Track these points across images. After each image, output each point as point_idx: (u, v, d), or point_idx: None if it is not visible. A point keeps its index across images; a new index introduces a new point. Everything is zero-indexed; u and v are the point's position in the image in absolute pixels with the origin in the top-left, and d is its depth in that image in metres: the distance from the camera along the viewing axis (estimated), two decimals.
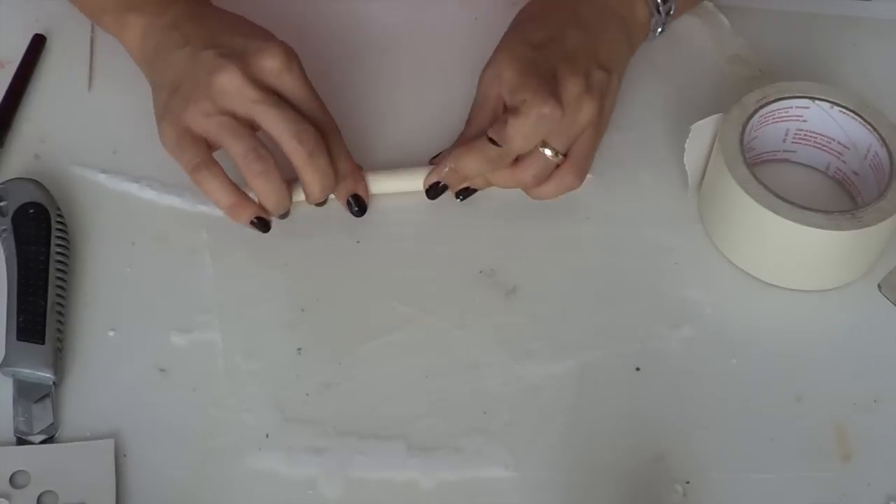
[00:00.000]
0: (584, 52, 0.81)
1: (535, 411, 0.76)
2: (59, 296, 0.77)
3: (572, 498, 0.73)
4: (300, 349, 0.78)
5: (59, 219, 0.80)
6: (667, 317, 0.80)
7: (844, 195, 0.86)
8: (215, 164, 0.79)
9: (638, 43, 0.87)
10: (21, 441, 0.73)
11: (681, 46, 0.93)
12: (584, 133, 0.80)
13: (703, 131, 0.83)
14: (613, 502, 0.73)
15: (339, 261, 0.82)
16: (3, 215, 0.80)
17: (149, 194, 0.84)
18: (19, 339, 0.75)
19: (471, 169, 0.81)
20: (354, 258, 0.82)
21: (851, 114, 0.83)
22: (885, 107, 0.83)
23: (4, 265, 0.79)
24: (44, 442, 0.73)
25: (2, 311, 0.77)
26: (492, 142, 0.79)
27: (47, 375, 0.75)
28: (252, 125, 0.78)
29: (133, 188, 0.84)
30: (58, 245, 0.79)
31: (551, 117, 0.77)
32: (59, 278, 0.78)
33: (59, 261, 0.79)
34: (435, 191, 0.83)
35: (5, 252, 0.79)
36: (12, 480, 0.72)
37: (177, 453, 0.73)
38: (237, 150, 0.77)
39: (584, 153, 0.81)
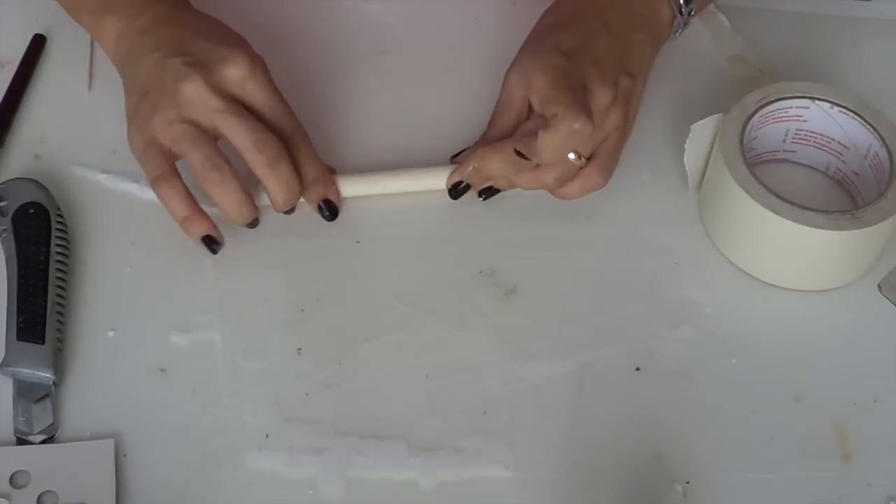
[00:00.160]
0: (613, 60, 0.81)
1: (535, 411, 0.76)
2: (59, 296, 0.77)
3: (572, 498, 0.73)
4: (300, 349, 0.78)
5: (59, 219, 0.80)
6: (667, 317, 0.80)
7: (844, 195, 0.86)
8: (176, 176, 0.79)
9: (661, 44, 0.87)
10: (21, 441, 0.73)
11: (681, 46, 0.93)
12: (610, 136, 0.81)
13: (703, 131, 0.83)
14: (613, 502, 0.73)
15: (339, 261, 0.82)
16: (3, 215, 0.80)
17: (149, 194, 0.83)
18: (19, 339, 0.75)
19: (495, 170, 0.81)
20: (354, 258, 0.82)
21: (851, 114, 0.83)
22: (885, 107, 0.83)
23: (4, 265, 0.79)
24: (44, 442, 0.73)
25: (2, 311, 0.77)
26: (520, 155, 0.79)
27: (47, 375, 0.75)
28: (216, 134, 0.78)
29: (133, 188, 0.84)
30: (58, 245, 0.79)
31: (582, 133, 0.77)
32: (59, 278, 0.78)
33: (59, 261, 0.79)
34: (457, 190, 0.83)
35: (5, 252, 0.79)
36: (12, 480, 0.72)
37: (177, 453, 0.73)
38: (195, 159, 0.77)
39: (609, 153, 0.81)
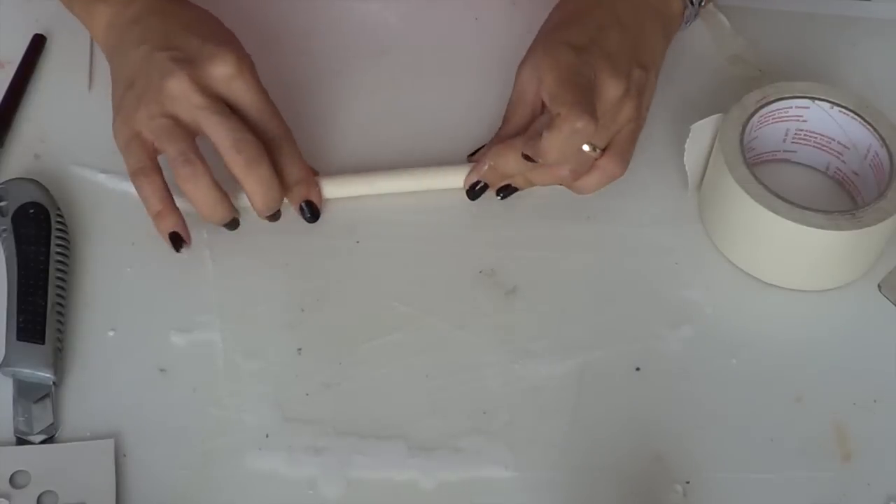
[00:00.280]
0: (625, 53, 0.81)
1: (535, 411, 0.76)
2: (59, 296, 0.77)
3: (572, 498, 0.73)
4: (300, 349, 0.78)
5: (59, 219, 0.80)
6: (667, 317, 0.80)
7: (844, 195, 0.86)
8: (156, 171, 0.79)
9: (672, 35, 0.87)
10: (21, 441, 0.73)
11: (681, 46, 0.93)
12: (624, 128, 0.81)
13: (703, 131, 0.83)
14: (613, 502, 0.73)
15: (339, 261, 0.82)
16: (3, 215, 0.80)
17: None
18: (19, 339, 0.75)
19: (510, 167, 0.81)
20: (354, 258, 0.82)
21: (851, 114, 0.83)
22: (885, 107, 0.83)
23: (4, 265, 0.79)
24: (44, 442, 0.73)
25: (2, 311, 0.77)
26: (527, 158, 0.79)
27: (47, 375, 0.75)
28: (197, 132, 0.78)
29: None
30: (58, 245, 0.79)
31: (584, 132, 0.77)
32: (59, 278, 0.78)
33: (59, 261, 0.79)
34: (475, 191, 0.83)
35: (5, 252, 0.79)
36: (12, 480, 0.72)
37: (177, 453, 0.73)
38: (169, 153, 0.77)
39: (625, 143, 0.81)
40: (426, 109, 0.89)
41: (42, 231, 0.79)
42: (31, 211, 0.80)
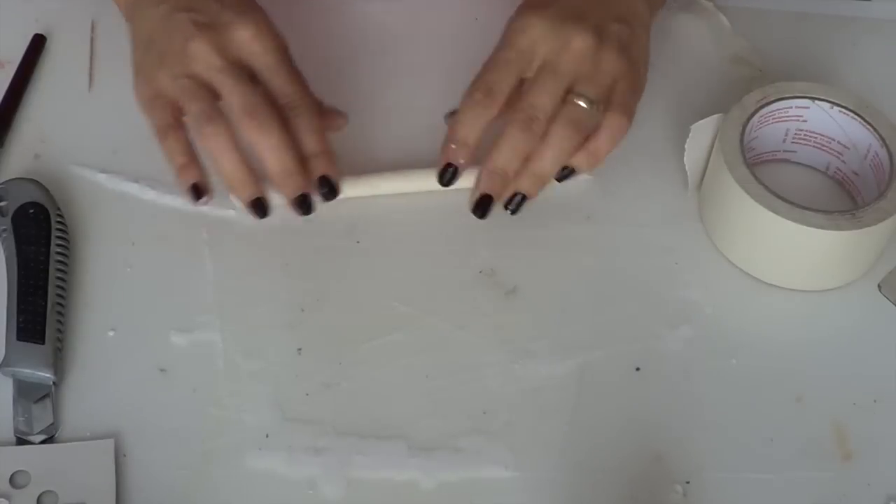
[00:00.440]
0: (595, 9, 0.80)
1: (535, 411, 0.76)
2: (59, 296, 0.77)
3: (572, 498, 0.73)
4: (300, 349, 0.78)
5: (59, 219, 0.80)
6: (666, 317, 0.80)
7: (844, 195, 0.86)
8: (181, 128, 0.78)
9: (658, 6, 0.87)
10: (21, 441, 0.73)
11: (681, 46, 0.93)
12: (617, 83, 0.79)
13: (703, 131, 0.83)
14: (613, 502, 0.73)
15: (339, 261, 0.82)
16: (3, 215, 0.80)
17: (149, 194, 0.84)
18: (19, 339, 0.75)
19: (474, 136, 0.79)
20: (354, 258, 0.82)
21: (851, 114, 0.83)
22: (885, 107, 0.83)
23: (4, 265, 0.79)
24: (44, 442, 0.73)
25: (2, 311, 0.77)
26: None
27: (47, 375, 0.75)
28: (218, 95, 0.78)
29: (133, 188, 0.84)
30: (58, 245, 0.79)
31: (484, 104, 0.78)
32: (59, 278, 0.78)
33: (59, 261, 0.79)
34: (483, 208, 0.79)
35: (5, 252, 0.79)
36: (12, 480, 0.72)
37: (177, 453, 0.73)
38: (191, 111, 0.77)
39: (623, 96, 0.79)
40: (426, 109, 0.89)
41: (42, 231, 0.79)
42: (31, 211, 0.80)
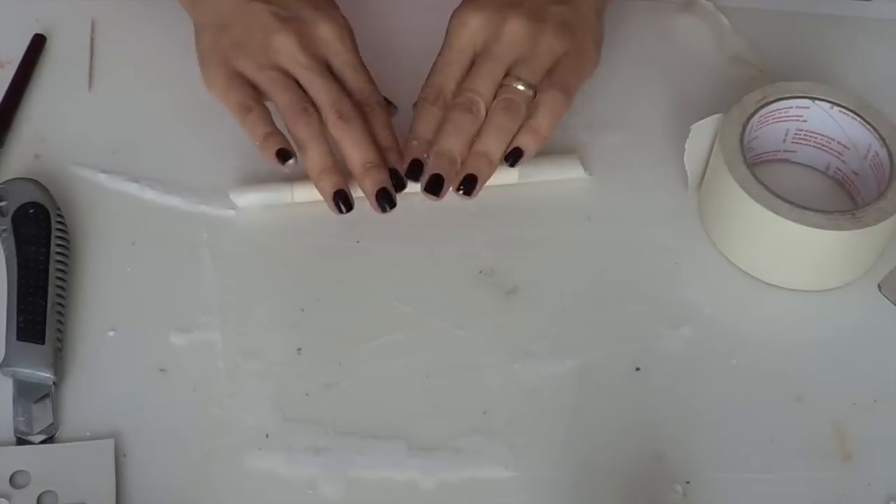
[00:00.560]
0: None
1: (535, 411, 0.76)
2: (59, 296, 0.77)
3: (572, 498, 0.73)
4: (300, 349, 0.78)
5: (59, 219, 0.80)
6: (666, 317, 0.80)
7: (844, 195, 0.86)
8: (262, 104, 0.80)
9: None
10: (21, 441, 0.73)
11: (681, 46, 0.93)
12: (559, 63, 0.81)
13: (703, 131, 0.83)
14: (613, 502, 0.73)
15: (339, 261, 0.82)
16: (3, 215, 0.80)
17: (149, 194, 0.84)
18: (19, 339, 0.75)
19: (428, 132, 0.81)
20: (354, 258, 0.82)
21: (851, 114, 0.83)
22: (885, 107, 0.83)
23: (4, 265, 0.79)
24: (44, 442, 0.73)
25: (2, 311, 0.77)
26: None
27: (47, 375, 0.75)
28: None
29: (133, 188, 0.84)
30: (58, 245, 0.79)
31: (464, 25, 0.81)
32: (59, 278, 0.78)
33: (59, 261, 0.79)
34: (435, 187, 0.79)
35: (5, 252, 0.79)
36: (12, 480, 0.72)
37: (177, 453, 0.73)
38: (283, 101, 0.79)
39: (562, 75, 0.81)
40: None
41: (42, 231, 0.79)
42: (31, 211, 0.80)
